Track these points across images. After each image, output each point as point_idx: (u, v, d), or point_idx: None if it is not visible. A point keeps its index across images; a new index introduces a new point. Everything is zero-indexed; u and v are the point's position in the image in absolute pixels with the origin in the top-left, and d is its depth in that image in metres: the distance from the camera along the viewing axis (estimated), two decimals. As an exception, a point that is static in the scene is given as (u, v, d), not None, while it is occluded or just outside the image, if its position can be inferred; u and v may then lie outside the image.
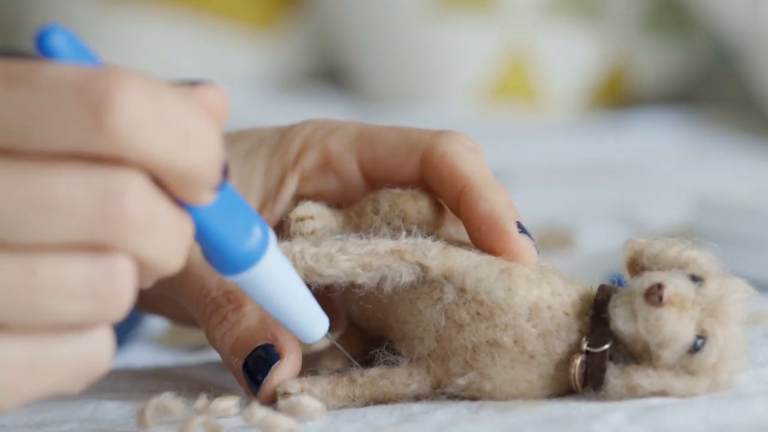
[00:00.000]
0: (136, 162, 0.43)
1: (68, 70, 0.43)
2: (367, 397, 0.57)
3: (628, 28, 1.83)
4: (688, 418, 0.52)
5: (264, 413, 0.53)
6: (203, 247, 0.48)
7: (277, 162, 0.64)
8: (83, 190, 0.43)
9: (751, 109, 1.76)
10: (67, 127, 0.42)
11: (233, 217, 0.48)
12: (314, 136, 0.63)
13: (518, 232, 0.57)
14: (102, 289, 0.44)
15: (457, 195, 0.59)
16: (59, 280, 0.43)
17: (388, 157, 0.62)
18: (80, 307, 0.44)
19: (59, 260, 0.43)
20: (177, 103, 0.44)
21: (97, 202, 0.43)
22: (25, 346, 0.44)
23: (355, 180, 0.63)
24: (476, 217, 0.58)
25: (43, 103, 0.42)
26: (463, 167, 0.59)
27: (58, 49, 0.44)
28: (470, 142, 0.61)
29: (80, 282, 0.44)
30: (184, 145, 0.44)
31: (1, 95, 0.42)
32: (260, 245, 0.49)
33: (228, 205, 0.48)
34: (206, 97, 0.46)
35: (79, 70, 0.43)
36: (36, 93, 0.42)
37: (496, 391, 0.56)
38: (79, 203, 0.43)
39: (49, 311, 0.44)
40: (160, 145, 0.43)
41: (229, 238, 0.48)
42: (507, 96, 1.80)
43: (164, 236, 0.45)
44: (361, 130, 0.63)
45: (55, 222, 0.43)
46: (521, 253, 0.57)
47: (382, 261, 0.56)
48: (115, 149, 0.43)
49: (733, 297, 0.54)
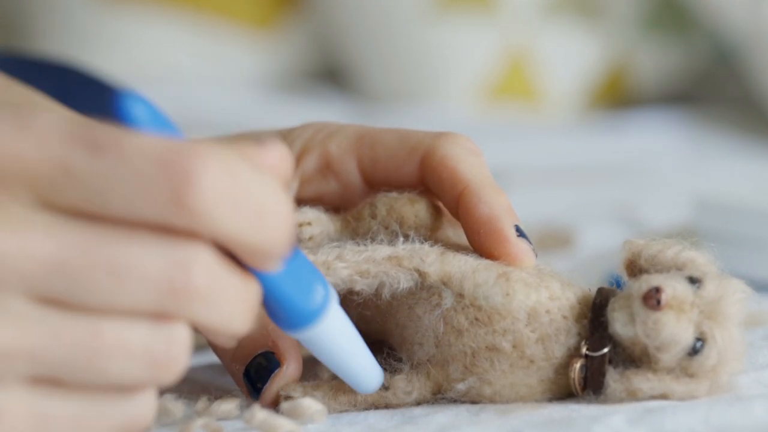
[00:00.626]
0: (210, 236, 0.44)
1: (152, 142, 0.43)
2: (369, 403, 0.57)
3: (628, 28, 1.83)
4: (689, 420, 0.52)
5: (265, 415, 0.53)
6: (268, 305, 0.49)
7: None
8: (155, 259, 0.44)
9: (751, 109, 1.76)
10: (148, 199, 0.43)
11: (299, 278, 0.49)
12: (314, 139, 0.64)
13: (517, 236, 0.57)
14: (159, 355, 0.45)
15: (456, 197, 0.59)
16: (122, 344, 0.44)
17: (387, 160, 0.62)
18: (137, 371, 0.45)
19: (124, 324, 0.44)
20: (254, 180, 0.45)
21: (166, 271, 0.44)
22: (78, 404, 0.45)
23: (354, 182, 0.63)
24: (475, 221, 0.58)
25: (127, 174, 0.43)
26: (462, 169, 0.59)
27: (138, 117, 0.44)
28: (470, 144, 0.61)
29: (141, 346, 0.45)
30: (258, 223, 0.45)
31: (86, 161, 0.43)
32: (322, 303, 0.50)
33: (293, 266, 0.49)
34: (270, 157, 0.47)
35: (162, 144, 0.43)
36: (120, 163, 0.43)
37: (496, 395, 0.56)
38: (150, 272, 0.44)
39: (108, 372, 0.45)
40: (235, 222, 0.44)
41: (294, 299, 0.49)
42: (507, 96, 1.80)
43: (229, 303, 0.46)
44: (360, 133, 0.63)
45: (126, 288, 0.44)
46: (519, 257, 0.57)
47: (379, 268, 0.56)
48: (192, 225, 0.44)
49: (732, 298, 0.54)
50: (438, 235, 0.60)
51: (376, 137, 0.62)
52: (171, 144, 0.43)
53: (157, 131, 0.45)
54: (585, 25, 1.82)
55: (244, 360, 0.58)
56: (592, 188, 1.33)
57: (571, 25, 1.81)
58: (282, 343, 0.58)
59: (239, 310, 0.46)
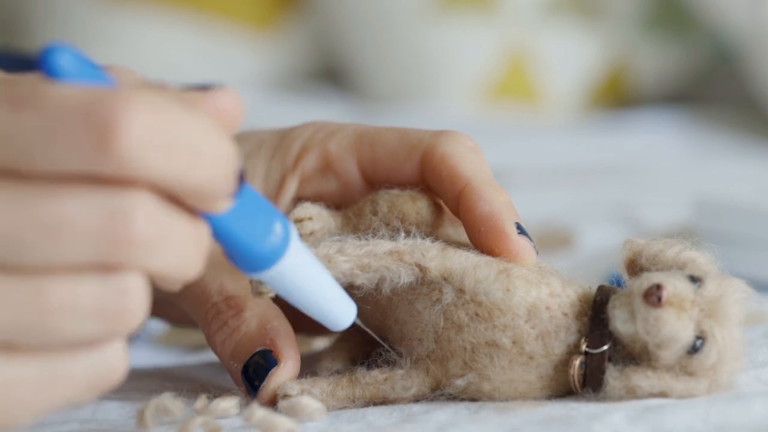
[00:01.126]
0: (145, 182, 0.43)
1: (73, 92, 0.43)
2: (367, 399, 0.57)
3: (628, 28, 1.83)
4: (688, 418, 0.52)
5: (263, 414, 0.53)
6: (225, 249, 0.48)
7: (276, 164, 0.64)
8: (90, 211, 0.43)
9: (751, 109, 1.76)
10: (73, 151, 0.42)
11: (253, 217, 0.48)
12: (314, 138, 0.64)
13: (517, 233, 0.57)
14: (113, 308, 0.44)
15: (456, 195, 0.59)
16: (70, 301, 0.44)
17: (387, 158, 0.62)
18: (91, 326, 0.44)
19: (69, 281, 0.44)
20: (185, 120, 0.44)
21: (104, 223, 0.43)
22: (38, 365, 0.44)
23: (354, 181, 0.63)
24: (476, 218, 0.58)
25: (49, 127, 0.42)
26: (462, 167, 0.59)
27: (63, 69, 0.43)
28: (470, 142, 0.61)
29: (91, 301, 0.44)
30: (194, 163, 0.44)
31: (6, 118, 0.42)
32: (282, 242, 0.49)
33: (247, 205, 0.48)
34: (218, 102, 0.46)
35: (84, 92, 0.43)
36: (41, 117, 0.42)
37: (494, 392, 0.56)
38: (87, 225, 0.43)
39: (60, 331, 0.44)
40: (168, 165, 0.43)
41: (250, 239, 0.48)
42: (507, 96, 1.80)
43: (178, 249, 0.45)
44: (360, 132, 0.63)
45: (64, 244, 0.43)
46: (520, 254, 0.57)
47: (380, 262, 0.56)
48: (122, 172, 0.43)
49: (732, 297, 0.54)
50: (439, 233, 0.60)
51: (376, 136, 0.62)
52: (94, 92, 0.42)
53: (85, 81, 0.43)
54: (585, 25, 1.82)
55: (242, 358, 0.58)
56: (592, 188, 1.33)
57: (571, 25, 1.81)
58: (279, 341, 0.58)
59: (189, 254, 0.45)
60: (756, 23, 1.67)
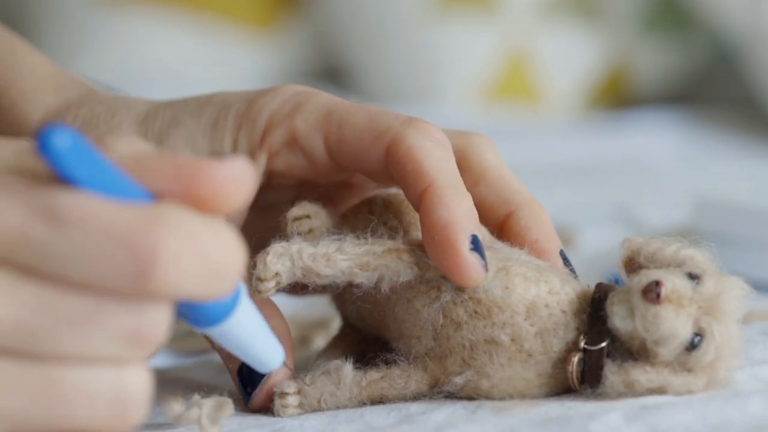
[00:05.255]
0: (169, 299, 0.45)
1: (112, 213, 0.43)
2: (365, 398, 0.57)
3: (628, 28, 1.83)
4: (685, 417, 0.52)
5: None
6: (176, 307, 0.48)
7: (244, 137, 0.62)
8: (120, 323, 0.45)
9: (751, 109, 1.76)
10: (112, 276, 0.44)
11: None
12: (280, 111, 0.61)
13: (470, 248, 0.55)
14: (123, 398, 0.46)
15: (419, 194, 0.57)
16: (84, 390, 0.45)
17: (354, 142, 0.60)
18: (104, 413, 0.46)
19: (85, 371, 0.45)
20: (212, 243, 0.45)
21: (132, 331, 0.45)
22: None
23: (322, 160, 0.61)
24: (432, 224, 0.56)
25: (88, 247, 0.43)
26: (428, 164, 0.57)
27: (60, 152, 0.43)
28: (439, 135, 0.59)
29: (106, 391, 0.45)
30: (212, 283, 0.45)
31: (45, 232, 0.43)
32: (231, 302, 0.49)
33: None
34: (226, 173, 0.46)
35: (122, 216, 0.43)
36: (80, 236, 0.43)
37: (493, 389, 0.56)
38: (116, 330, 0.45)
39: (72, 418, 0.45)
40: (193, 287, 0.45)
41: (205, 305, 0.49)
42: (507, 96, 1.80)
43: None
44: (329, 108, 0.61)
45: (89, 339, 0.44)
46: (466, 272, 0.55)
47: (380, 260, 0.56)
48: (155, 297, 0.45)
49: (730, 294, 0.54)
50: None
51: (345, 116, 0.60)
52: (131, 216, 0.43)
53: (84, 165, 0.44)
54: (585, 25, 1.82)
55: (237, 360, 0.58)
56: (592, 188, 1.33)
57: (571, 26, 1.81)
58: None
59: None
60: (756, 23, 1.67)
